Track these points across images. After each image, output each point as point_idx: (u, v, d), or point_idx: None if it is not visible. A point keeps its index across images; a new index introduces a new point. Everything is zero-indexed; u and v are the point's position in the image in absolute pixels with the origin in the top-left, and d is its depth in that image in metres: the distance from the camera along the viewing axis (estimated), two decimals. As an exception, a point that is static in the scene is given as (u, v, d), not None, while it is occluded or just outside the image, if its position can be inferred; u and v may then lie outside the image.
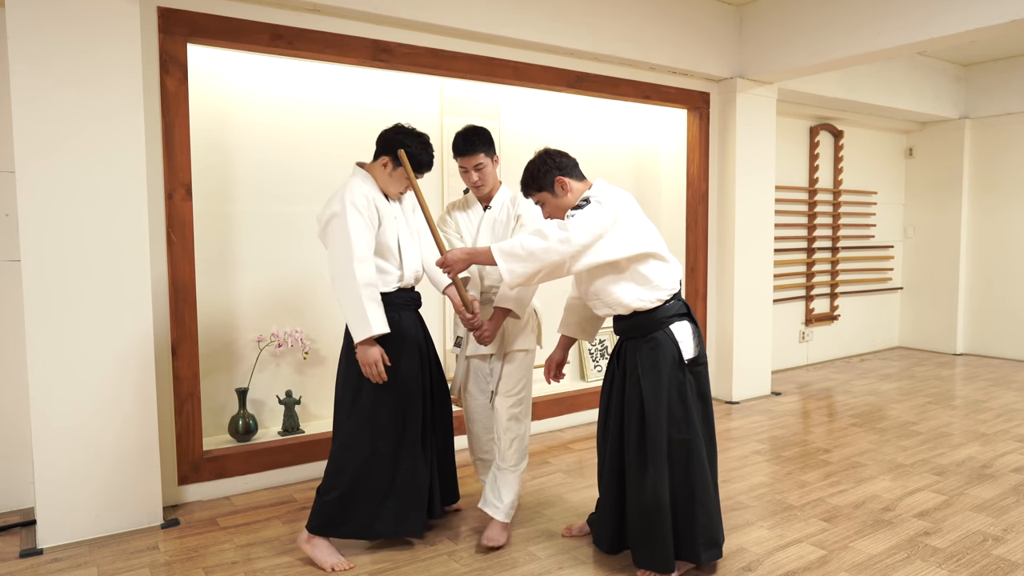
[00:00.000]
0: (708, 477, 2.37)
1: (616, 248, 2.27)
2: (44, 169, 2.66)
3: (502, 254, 2.27)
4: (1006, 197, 6.49)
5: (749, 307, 5.06)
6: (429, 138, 2.62)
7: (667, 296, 2.36)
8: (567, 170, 2.42)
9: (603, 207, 2.26)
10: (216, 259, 3.51)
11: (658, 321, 2.36)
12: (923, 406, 4.87)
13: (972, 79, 6.49)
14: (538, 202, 2.48)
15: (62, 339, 2.71)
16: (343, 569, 2.52)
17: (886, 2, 4.00)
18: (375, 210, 2.50)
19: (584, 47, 4.06)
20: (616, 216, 2.27)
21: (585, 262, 2.26)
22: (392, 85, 3.95)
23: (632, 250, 2.29)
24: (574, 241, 2.22)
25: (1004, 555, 2.64)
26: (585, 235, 2.22)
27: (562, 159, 2.43)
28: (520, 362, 2.79)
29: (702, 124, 4.88)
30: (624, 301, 2.36)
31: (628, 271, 2.34)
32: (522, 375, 2.78)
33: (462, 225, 2.83)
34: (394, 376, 2.54)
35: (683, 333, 2.37)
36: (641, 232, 2.32)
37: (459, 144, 2.69)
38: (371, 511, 2.56)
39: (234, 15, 3.11)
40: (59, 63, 2.67)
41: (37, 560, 2.63)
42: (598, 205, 2.27)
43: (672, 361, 2.33)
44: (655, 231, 2.39)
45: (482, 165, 2.69)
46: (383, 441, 2.56)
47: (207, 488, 3.22)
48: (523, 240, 2.26)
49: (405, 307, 2.65)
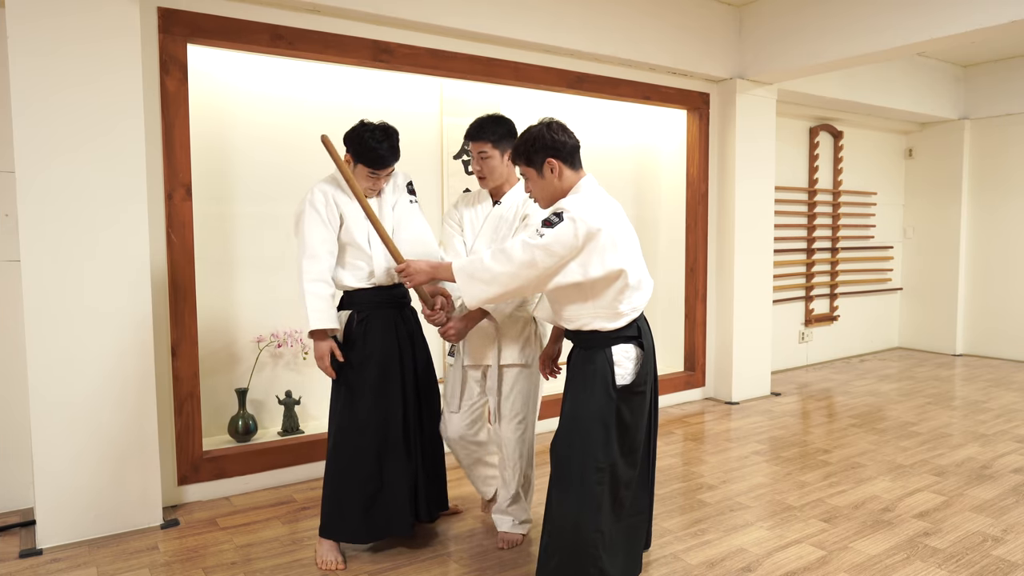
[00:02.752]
0: (622, 512, 2.22)
1: (586, 270, 2.09)
2: (44, 169, 2.66)
3: (464, 274, 2.17)
4: (1006, 198, 6.49)
5: (749, 308, 5.06)
6: (389, 133, 2.51)
7: (627, 321, 2.17)
8: (563, 154, 2.18)
9: (576, 225, 2.05)
10: (216, 259, 3.51)
11: (601, 339, 2.18)
12: (923, 407, 4.87)
13: (972, 80, 6.49)
14: (523, 174, 2.27)
15: (62, 339, 2.71)
16: (332, 569, 2.54)
17: (886, 3, 4.01)
18: (335, 207, 2.49)
19: (584, 48, 4.06)
20: (589, 235, 2.06)
21: (553, 284, 2.11)
22: (392, 85, 3.95)
23: (603, 271, 2.10)
24: (539, 265, 2.07)
25: (1004, 555, 2.64)
26: (550, 259, 2.06)
27: (562, 139, 2.19)
28: (518, 380, 2.62)
29: (702, 125, 4.88)
30: (580, 321, 2.19)
31: (592, 292, 2.15)
32: (525, 397, 2.64)
33: (466, 219, 2.70)
34: (360, 377, 2.54)
35: (623, 356, 2.17)
36: (614, 252, 2.11)
37: (470, 128, 2.59)
38: (360, 513, 2.56)
39: (234, 15, 3.11)
40: (59, 63, 2.67)
41: (37, 560, 2.63)
42: (571, 223, 2.05)
43: (602, 383, 2.14)
44: (632, 247, 2.19)
45: (486, 155, 2.55)
46: (364, 442, 2.55)
47: (207, 488, 3.22)
48: (486, 261, 2.12)
49: (380, 306, 2.58)
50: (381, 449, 2.56)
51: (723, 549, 2.71)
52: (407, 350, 2.63)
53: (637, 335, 2.21)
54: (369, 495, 2.56)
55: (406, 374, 2.62)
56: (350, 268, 2.56)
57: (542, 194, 2.23)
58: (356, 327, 2.57)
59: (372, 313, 2.57)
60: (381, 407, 2.56)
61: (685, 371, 5.07)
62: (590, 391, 2.17)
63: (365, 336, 2.56)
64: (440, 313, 2.52)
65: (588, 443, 2.14)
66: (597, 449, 2.13)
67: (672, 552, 2.69)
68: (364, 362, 2.55)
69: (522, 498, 2.74)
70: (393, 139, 2.51)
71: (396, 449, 2.58)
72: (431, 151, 4.08)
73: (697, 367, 5.04)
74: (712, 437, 4.23)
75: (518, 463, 2.65)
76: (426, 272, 2.34)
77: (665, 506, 3.14)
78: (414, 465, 2.63)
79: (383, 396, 2.56)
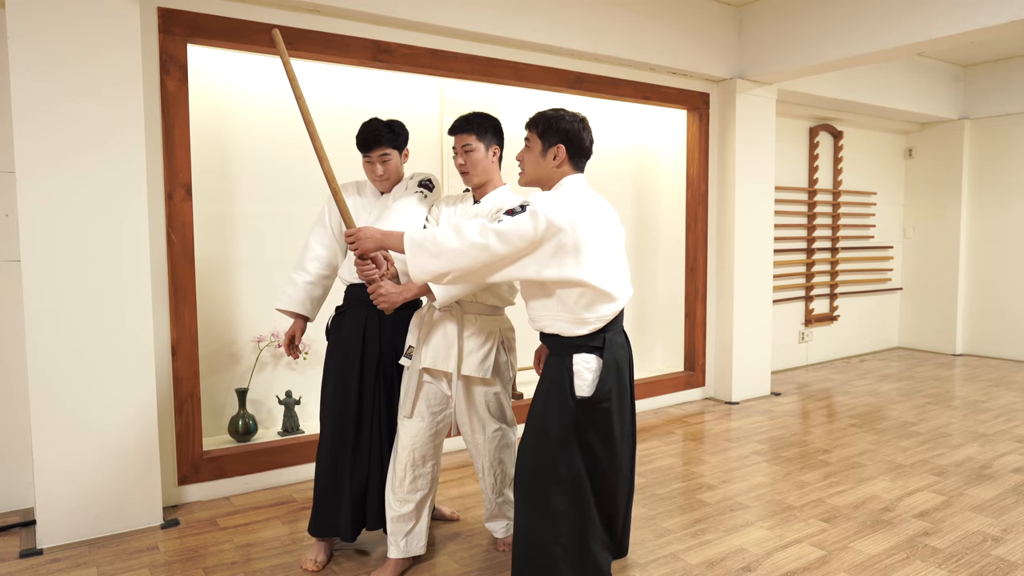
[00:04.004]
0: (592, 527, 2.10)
1: (541, 269, 1.98)
2: (44, 169, 2.66)
3: (412, 243, 2.06)
4: (1006, 197, 6.49)
5: (749, 307, 5.07)
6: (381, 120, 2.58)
7: (592, 330, 2.04)
8: (574, 149, 2.13)
9: (537, 219, 1.94)
10: (216, 259, 3.51)
11: (563, 345, 2.07)
12: (922, 406, 4.87)
13: (971, 80, 6.49)
14: (527, 140, 2.20)
15: (62, 339, 2.71)
16: (302, 567, 2.55)
17: (886, 3, 4.01)
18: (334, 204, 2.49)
19: (584, 48, 4.06)
20: (549, 232, 1.95)
21: (504, 275, 2.01)
22: (392, 85, 3.95)
23: (560, 275, 1.98)
24: (491, 249, 1.96)
25: (1003, 555, 2.64)
26: (505, 246, 1.96)
27: (583, 137, 2.14)
28: (481, 393, 2.47)
29: (702, 125, 4.88)
30: (542, 322, 2.10)
31: (555, 295, 2.05)
32: (497, 408, 2.51)
33: (443, 216, 2.58)
34: (327, 371, 2.59)
35: (584, 367, 2.03)
36: (575, 260, 1.98)
37: (454, 123, 2.52)
38: (318, 508, 2.57)
39: (234, 15, 3.11)
40: (59, 64, 2.67)
41: (37, 560, 2.63)
42: (532, 217, 1.95)
43: (560, 393, 2.03)
44: (605, 254, 2.05)
45: (470, 148, 2.44)
46: (323, 436, 2.56)
47: (207, 488, 3.22)
48: (438, 234, 2.03)
49: (357, 303, 2.55)
50: (336, 446, 2.53)
51: (723, 549, 2.71)
52: (373, 349, 2.53)
53: (601, 346, 2.05)
54: (322, 491, 2.56)
55: (367, 374, 2.52)
56: (345, 262, 2.62)
57: (532, 169, 2.17)
58: (333, 320, 2.62)
59: (350, 309, 2.58)
60: (336, 404, 2.54)
61: (685, 371, 5.07)
62: (549, 402, 2.07)
63: (338, 330, 2.58)
64: (371, 266, 2.27)
65: (546, 456, 2.05)
66: (556, 463, 2.03)
67: (672, 552, 2.69)
68: (331, 355, 2.58)
69: (503, 510, 2.68)
70: (377, 123, 2.56)
71: (346, 449, 2.53)
72: (431, 151, 4.08)
73: (697, 367, 5.04)
74: (712, 437, 4.23)
75: (498, 468, 2.58)
76: (375, 239, 2.19)
77: (665, 506, 3.14)
78: (366, 468, 2.54)
79: (340, 393, 2.53)
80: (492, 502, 2.67)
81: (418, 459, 2.46)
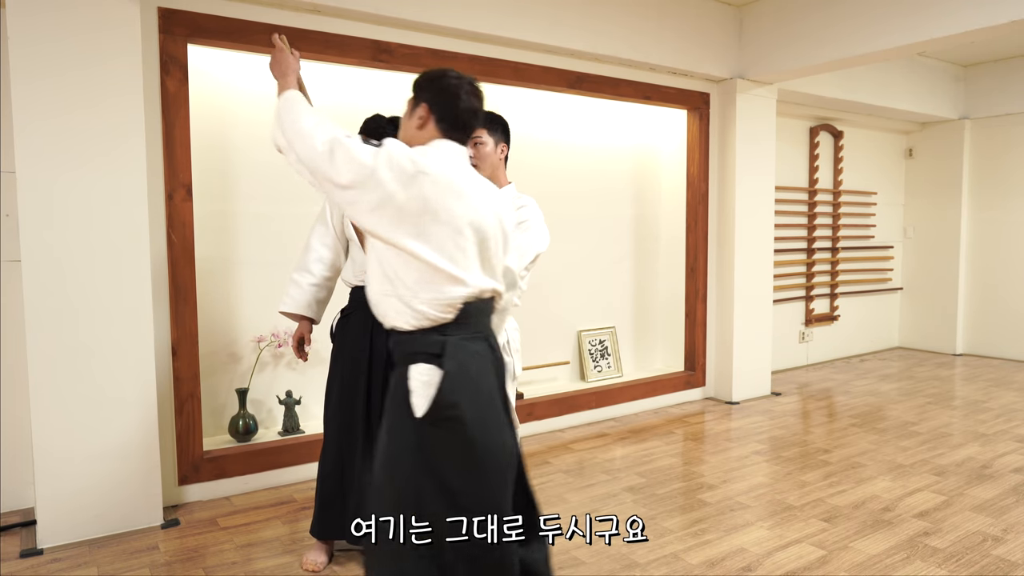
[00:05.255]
0: None
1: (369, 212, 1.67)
2: (45, 170, 2.66)
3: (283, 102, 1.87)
4: (1006, 197, 6.49)
5: (749, 307, 5.06)
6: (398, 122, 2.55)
7: (427, 325, 1.71)
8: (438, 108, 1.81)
9: (378, 154, 1.68)
10: (216, 259, 3.52)
11: (402, 347, 1.75)
12: (923, 406, 4.87)
13: (971, 80, 6.49)
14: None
15: (62, 339, 2.71)
16: (305, 568, 2.55)
17: (886, 3, 4.01)
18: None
19: (584, 48, 4.06)
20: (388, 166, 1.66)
21: (336, 198, 1.73)
22: (392, 85, 3.95)
23: (384, 232, 1.68)
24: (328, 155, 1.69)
25: (1004, 555, 2.65)
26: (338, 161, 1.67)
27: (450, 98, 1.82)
28: None
29: (702, 125, 4.88)
30: (379, 308, 1.77)
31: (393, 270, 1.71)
32: None
33: None
34: (332, 373, 2.58)
35: (420, 379, 1.68)
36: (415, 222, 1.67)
37: None
38: (320, 510, 2.56)
39: (234, 15, 3.11)
40: (59, 65, 2.66)
41: (37, 560, 2.63)
42: (378, 150, 1.69)
43: (400, 414, 1.71)
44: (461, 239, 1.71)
45: (480, 141, 2.45)
46: (328, 438, 2.56)
47: (207, 488, 3.22)
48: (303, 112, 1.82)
49: (363, 307, 2.46)
50: (343, 448, 2.52)
51: (723, 549, 2.71)
52: (381, 352, 2.47)
53: (439, 352, 1.69)
54: (327, 493, 2.55)
55: (375, 376, 2.49)
56: (348, 263, 2.61)
57: (402, 132, 1.90)
58: (338, 322, 2.61)
59: (355, 311, 2.56)
60: (344, 407, 2.53)
61: (685, 371, 5.07)
62: (392, 426, 1.74)
63: (343, 332, 2.58)
64: None
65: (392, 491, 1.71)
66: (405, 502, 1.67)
67: (672, 552, 2.69)
68: (336, 358, 2.57)
69: None
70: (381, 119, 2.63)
71: (353, 452, 2.51)
72: (431, 151, 4.08)
73: (697, 367, 5.04)
74: (712, 437, 4.23)
75: None
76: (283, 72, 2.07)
77: (665, 506, 3.14)
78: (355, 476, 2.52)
79: (348, 396, 2.53)
80: None
81: None
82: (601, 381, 4.79)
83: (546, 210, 2.59)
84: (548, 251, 2.59)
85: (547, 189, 4.05)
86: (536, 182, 3.74)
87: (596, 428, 4.38)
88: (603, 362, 4.90)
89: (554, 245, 2.70)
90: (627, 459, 3.78)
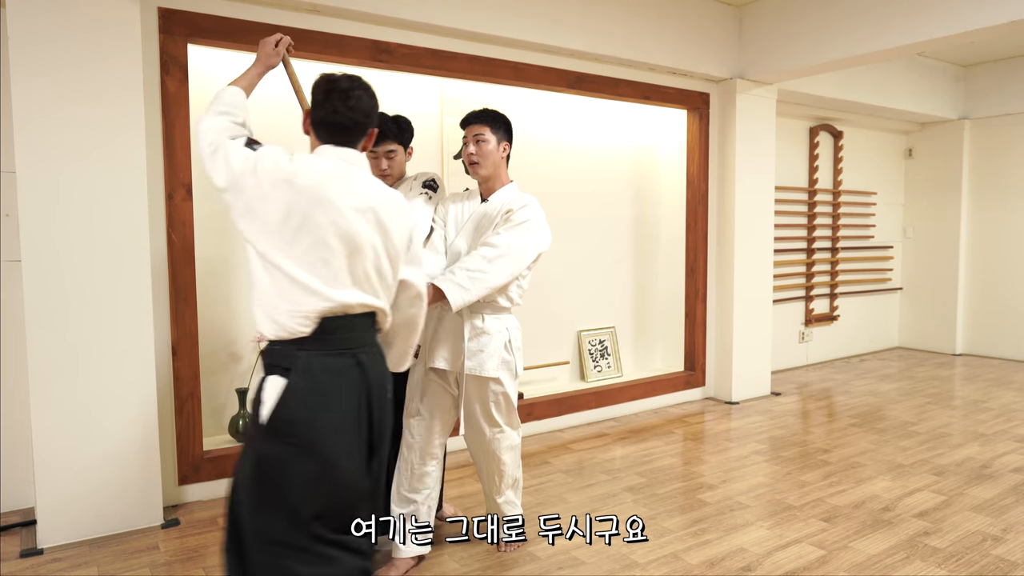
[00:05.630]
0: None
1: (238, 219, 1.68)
2: (45, 170, 2.66)
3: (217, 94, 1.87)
4: (1006, 197, 6.49)
5: (749, 307, 5.07)
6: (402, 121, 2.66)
7: (287, 335, 1.66)
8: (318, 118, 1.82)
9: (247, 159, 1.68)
10: (216, 259, 3.51)
11: (265, 362, 1.71)
12: (922, 406, 4.87)
13: (971, 80, 6.49)
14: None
15: (62, 339, 2.71)
16: None
17: (886, 3, 4.01)
18: None
19: (584, 48, 4.06)
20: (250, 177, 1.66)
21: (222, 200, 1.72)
22: (392, 85, 3.95)
23: (254, 239, 1.67)
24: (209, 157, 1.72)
25: (1003, 555, 2.65)
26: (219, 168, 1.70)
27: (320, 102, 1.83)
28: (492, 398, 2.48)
29: (702, 125, 4.88)
30: (254, 315, 1.72)
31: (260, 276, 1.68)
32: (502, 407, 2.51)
33: (451, 214, 2.58)
34: None
35: (271, 391, 1.64)
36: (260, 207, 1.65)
37: (466, 116, 2.54)
38: None
39: (234, 15, 3.11)
40: (59, 65, 2.66)
41: (37, 560, 2.63)
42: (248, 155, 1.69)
43: (256, 424, 1.66)
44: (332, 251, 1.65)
45: (482, 138, 2.47)
46: None
47: (207, 488, 3.22)
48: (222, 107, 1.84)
49: None
50: None
51: (723, 549, 2.71)
52: None
53: (289, 367, 1.64)
54: None
55: None
56: None
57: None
58: None
59: None
60: None
61: (685, 371, 5.07)
62: (248, 430, 1.72)
63: None
64: None
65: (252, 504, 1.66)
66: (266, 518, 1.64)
67: (672, 552, 2.69)
68: None
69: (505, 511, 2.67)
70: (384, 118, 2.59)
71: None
72: (431, 151, 4.08)
73: (697, 367, 5.04)
74: (712, 437, 4.23)
75: (500, 469, 2.57)
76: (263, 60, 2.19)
77: (665, 506, 3.14)
78: None
79: None
80: (493, 502, 2.67)
81: (423, 458, 2.47)
82: (601, 381, 4.79)
83: (546, 210, 2.59)
84: (548, 251, 2.59)
85: (547, 189, 4.05)
86: (536, 182, 3.74)
87: (596, 428, 4.38)
88: (603, 362, 4.90)
89: (554, 245, 2.70)
90: (627, 459, 3.78)
